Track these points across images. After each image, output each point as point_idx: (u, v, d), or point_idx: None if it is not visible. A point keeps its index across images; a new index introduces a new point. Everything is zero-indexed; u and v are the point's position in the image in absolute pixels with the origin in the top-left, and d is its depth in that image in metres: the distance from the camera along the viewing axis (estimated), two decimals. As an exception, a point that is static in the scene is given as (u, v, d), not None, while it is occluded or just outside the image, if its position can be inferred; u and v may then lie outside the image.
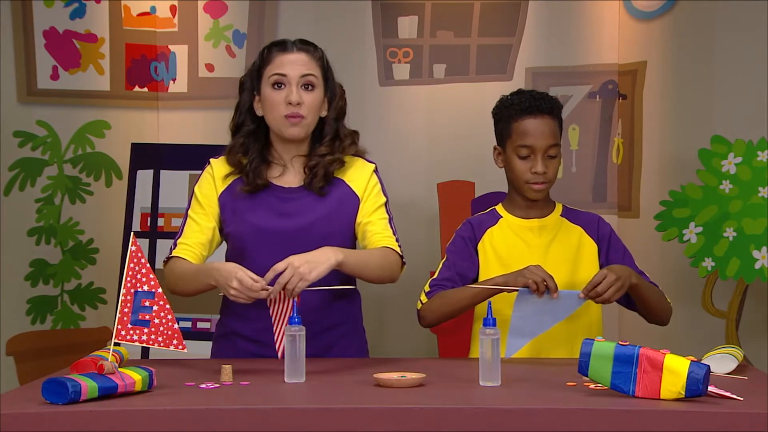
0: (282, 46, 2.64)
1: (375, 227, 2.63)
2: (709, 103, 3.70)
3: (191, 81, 4.19)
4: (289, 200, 2.63)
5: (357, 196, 2.66)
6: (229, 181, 2.66)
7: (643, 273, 2.79)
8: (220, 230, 2.67)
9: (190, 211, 2.67)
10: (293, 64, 2.61)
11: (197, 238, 2.63)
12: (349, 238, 2.66)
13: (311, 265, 2.37)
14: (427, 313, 2.78)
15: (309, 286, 2.37)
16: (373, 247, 2.60)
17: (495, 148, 2.88)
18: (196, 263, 2.59)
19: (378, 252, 2.58)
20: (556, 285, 2.53)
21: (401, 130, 4.10)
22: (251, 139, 2.66)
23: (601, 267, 2.80)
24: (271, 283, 2.37)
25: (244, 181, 2.64)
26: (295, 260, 2.37)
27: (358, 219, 2.65)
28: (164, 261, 2.63)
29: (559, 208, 2.89)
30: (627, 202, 3.99)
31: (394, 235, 2.65)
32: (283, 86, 2.60)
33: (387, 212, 2.68)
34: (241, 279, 2.35)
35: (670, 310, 2.80)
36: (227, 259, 2.63)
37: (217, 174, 2.67)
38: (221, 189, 2.66)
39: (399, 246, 2.63)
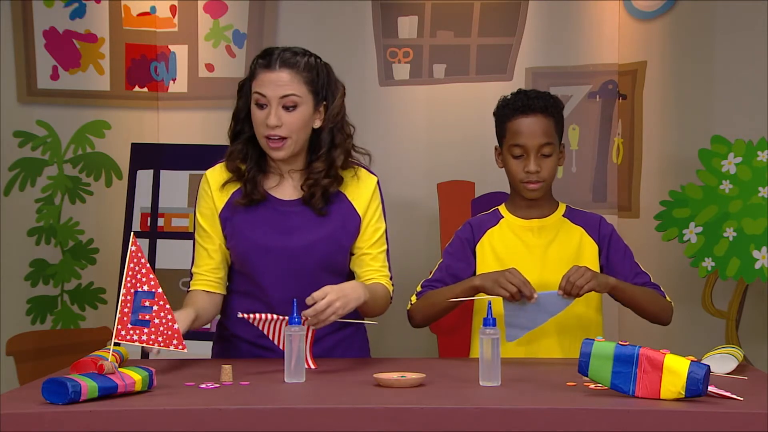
0: (267, 60, 2.56)
1: (374, 262, 2.66)
2: (709, 103, 3.70)
3: (191, 81, 4.19)
4: (288, 214, 2.62)
5: (358, 215, 2.65)
6: (228, 191, 2.63)
7: (645, 272, 2.80)
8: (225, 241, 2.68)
9: (196, 236, 2.68)
10: (273, 85, 2.53)
11: (209, 265, 2.65)
12: (348, 255, 2.67)
13: (345, 300, 2.41)
14: (415, 314, 2.81)
15: None
16: (367, 279, 2.63)
17: (495, 149, 2.88)
18: (213, 291, 2.63)
19: (382, 291, 2.63)
20: (531, 290, 2.55)
21: (401, 130, 4.10)
22: (249, 146, 2.63)
23: (601, 268, 2.81)
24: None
25: (242, 192, 2.62)
26: (332, 293, 2.39)
27: (358, 244, 2.65)
28: (187, 291, 2.68)
29: (561, 209, 2.88)
30: (627, 202, 3.99)
31: (390, 271, 2.69)
32: (264, 106, 2.56)
33: (386, 241, 2.70)
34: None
35: (670, 309, 2.80)
36: (231, 268, 2.67)
37: (213, 186, 2.64)
38: (220, 205, 2.63)
39: (391, 283, 2.69)
